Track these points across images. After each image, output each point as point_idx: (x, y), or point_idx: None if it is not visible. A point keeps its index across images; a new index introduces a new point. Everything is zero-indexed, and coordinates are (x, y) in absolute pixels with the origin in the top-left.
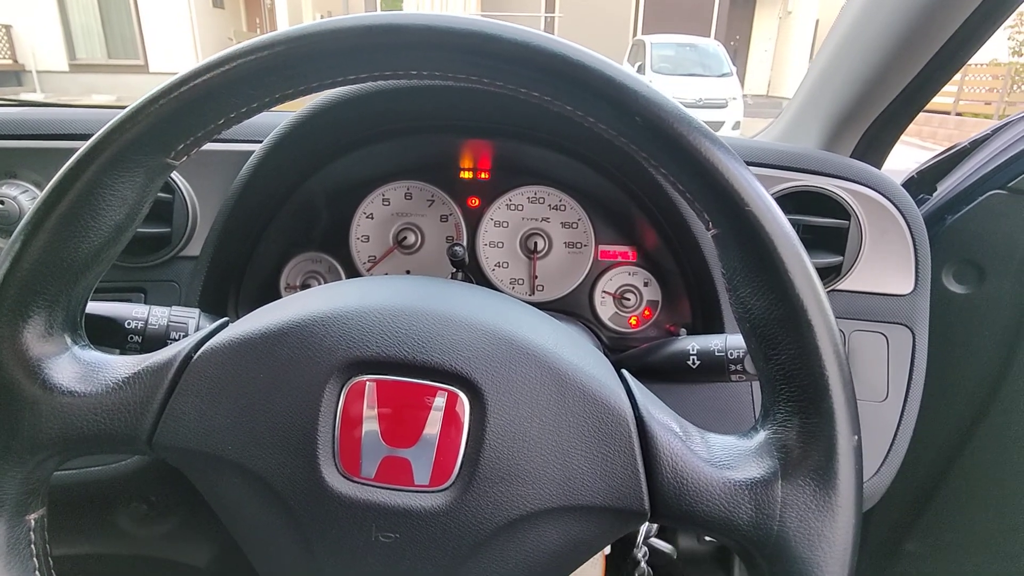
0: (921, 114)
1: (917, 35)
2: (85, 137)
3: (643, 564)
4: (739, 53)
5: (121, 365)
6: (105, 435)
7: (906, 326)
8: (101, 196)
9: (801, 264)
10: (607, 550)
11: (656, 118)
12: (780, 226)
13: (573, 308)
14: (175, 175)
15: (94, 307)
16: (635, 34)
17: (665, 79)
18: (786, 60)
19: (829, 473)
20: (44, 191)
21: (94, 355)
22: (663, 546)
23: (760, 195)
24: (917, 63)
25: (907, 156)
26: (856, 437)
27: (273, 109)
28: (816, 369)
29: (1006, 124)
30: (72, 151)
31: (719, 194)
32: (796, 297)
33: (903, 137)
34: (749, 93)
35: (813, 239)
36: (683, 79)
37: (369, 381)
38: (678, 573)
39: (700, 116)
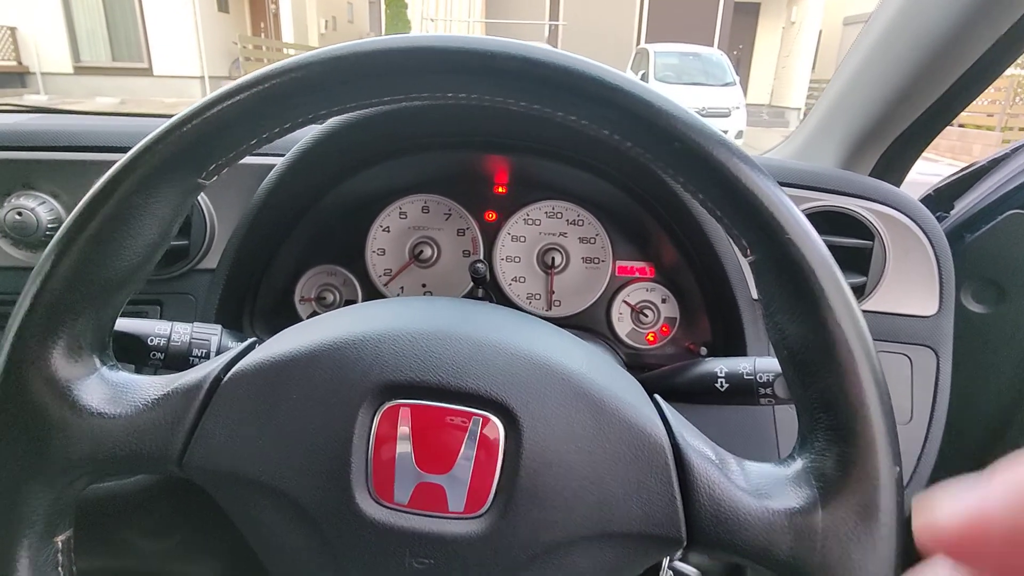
0: None
1: (945, 57)
2: (102, 149)
3: None
4: (742, 62)
5: (150, 386)
6: (135, 456)
7: (930, 348)
8: (133, 216)
9: (840, 291)
10: None
11: (695, 144)
12: (820, 254)
13: (590, 324)
14: None
15: (117, 323)
16: (639, 42)
17: (668, 88)
18: (789, 70)
19: (871, 504)
20: (75, 209)
21: (123, 376)
22: (688, 570)
23: (800, 222)
24: (943, 84)
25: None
26: (897, 468)
27: None
28: (856, 398)
29: None
30: (89, 162)
31: (759, 221)
32: (836, 325)
33: None
34: (752, 102)
35: (836, 260)
36: (686, 88)
37: (403, 406)
38: None
39: None
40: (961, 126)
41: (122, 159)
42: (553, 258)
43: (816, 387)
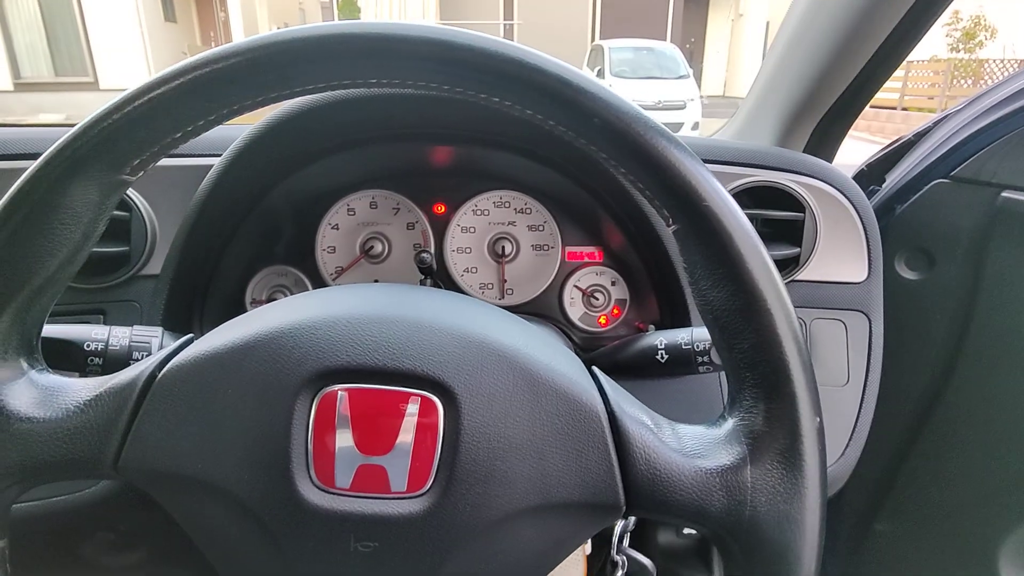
0: (870, 110)
1: (858, 33)
2: (35, 156)
3: (620, 573)
4: (695, 55)
5: (81, 388)
6: (67, 461)
7: (862, 312)
8: (54, 215)
9: (758, 255)
10: (588, 549)
11: (614, 119)
12: (737, 220)
13: (543, 310)
14: (131, 192)
15: (50, 330)
16: (593, 39)
17: (624, 82)
18: (740, 61)
19: (795, 455)
20: None
21: (52, 379)
22: (643, 560)
23: (717, 190)
24: (860, 60)
25: (860, 150)
26: (818, 419)
27: (231, 122)
28: (777, 355)
29: (946, 116)
30: (23, 171)
31: (677, 191)
32: (755, 286)
33: (854, 132)
34: (706, 94)
35: (772, 232)
36: (642, 82)
37: (340, 390)
38: None
39: (660, 118)
40: (905, 109)
41: (40, 158)
42: (503, 247)
43: (740, 348)
